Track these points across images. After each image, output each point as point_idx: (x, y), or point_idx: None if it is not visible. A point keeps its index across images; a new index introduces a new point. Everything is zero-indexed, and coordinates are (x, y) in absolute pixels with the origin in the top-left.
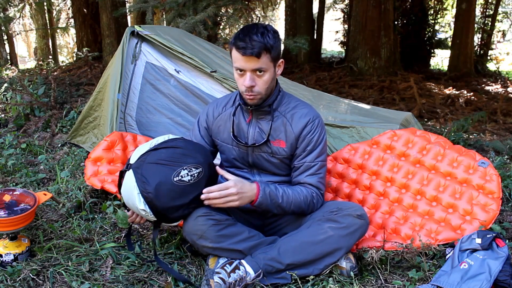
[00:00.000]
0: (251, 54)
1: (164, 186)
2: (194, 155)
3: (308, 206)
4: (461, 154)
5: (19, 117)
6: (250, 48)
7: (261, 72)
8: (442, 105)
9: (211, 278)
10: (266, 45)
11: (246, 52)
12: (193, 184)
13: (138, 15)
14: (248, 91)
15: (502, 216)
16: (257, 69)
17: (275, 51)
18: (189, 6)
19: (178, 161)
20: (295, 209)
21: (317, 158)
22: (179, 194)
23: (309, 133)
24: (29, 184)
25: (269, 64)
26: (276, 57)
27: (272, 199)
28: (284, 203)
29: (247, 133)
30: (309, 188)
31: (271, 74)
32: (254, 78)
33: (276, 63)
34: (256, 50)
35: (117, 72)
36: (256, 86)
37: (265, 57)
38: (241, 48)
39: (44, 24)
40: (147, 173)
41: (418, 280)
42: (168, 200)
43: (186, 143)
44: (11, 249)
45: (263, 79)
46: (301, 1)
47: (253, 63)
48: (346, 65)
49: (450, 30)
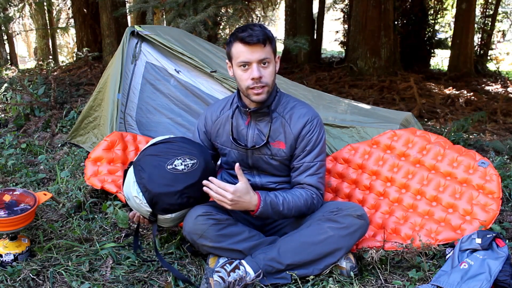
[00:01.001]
0: (258, 41)
1: (157, 171)
2: (190, 148)
3: (309, 209)
4: (461, 154)
5: (19, 117)
6: (256, 36)
7: (265, 64)
8: (442, 105)
9: (211, 276)
10: (268, 35)
11: (253, 39)
12: (187, 173)
13: (138, 15)
14: (256, 82)
15: (502, 216)
16: (263, 59)
17: (274, 43)
18: (189, 6)
19: (173, 152)
20: (296, 214)
21: (316, 158)
22: (172, 180)
23: (308, 133)
24: (29, 184)
25: (272, 55)
26: (275, 50)
27: (273, 208)
28: (286, 210)
29: (247, 136)
30: (308, 190)
31: (274, 67)
32: (259, 69)
33: (275, 56)
34: (261, 37)
35: (117, 72)
36: (264, 77)
37: (269, 47)
38: (247, 37)
39: (44, 24)
40: (144, 163)
41: (418, 280)
42: (160, 185)
43: (184, 139)
44: (11, 249)
45: (268, 71)
46: (301, 1)
47: (259, 53)
48: (346, 65)
49: (450, 30)
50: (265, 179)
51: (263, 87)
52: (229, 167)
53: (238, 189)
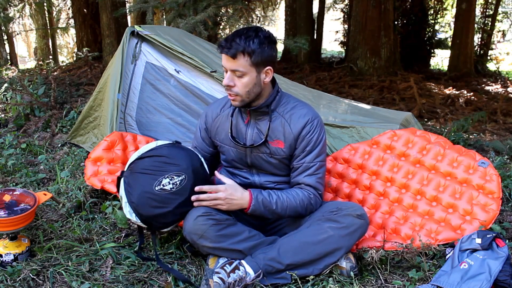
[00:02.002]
0: (226, 53)
1: (145, 195)
2: (177, 162)
3: (306, 209)
4: (461, 154)
5: (19, 117)
6: (227, 48)
7: (239, 74)
8: (442, 105)
9: (211, 278)
10: (245, 49)
11: (223, 51)
12: (176, 192)
13: (138, 15)
14: (227, 89)
15: (502, 216)
16: (235, 70)
17: (257, 56)
18: (189, 6)
19: (160, 169)
20: (291, 214)
21: (316, 158)
22: (161, 202)
23: (308, 133)
24: (29, 184)
25: (248, 68)
26: (259, 63)
27: (265, 206)
28: (279, 209)
29: (245, 134)
30: (306, 190)
31: (252, 79)
32: (233, 78)
33: (260, 69)
34: (231, 51)
35: (117, 72)
36: (236, 87)
37: (243, 60)
38: (220, 46)
39: (44, 24)
40: (132, 183)
41: (418, 280)
42: (150, 208)
43: (170, 151)
44: (11, 249)
45: (242, 81)
46: (301, 1)
47: (230, 63)
48: (346, 65)
49: (450, 30)
50: (263, 178)
51: (236, 96)
52: (228, 165)
53: (227, 187)
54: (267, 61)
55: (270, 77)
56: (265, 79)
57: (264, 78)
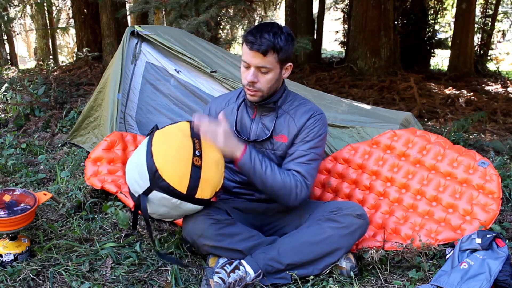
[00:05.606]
0: (258, 50)
1: None
2: None
3: (290, 192)
4: (461, 154)
5: (19, 117)
6: (258, 44)
7: (265, 70)
8: (442, 105)
9: (211, 277)
10: (275, 45)
11: (253, 47)
12: None
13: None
14: (249, 85)
15: (502, 216)
16: (262, 66)
17: (284, 53)
18: (191, 7)
19: None
20: (275, 188)
21: (311, 149)
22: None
23: (311, 125)
24: (29, 184)
25: (274, 65)
26: (284, 60)
27: (255, 165)
28: (267, 176)
29: (250, 129)
30: (295, 175)
31: (276, 75)
32: (257, 75)
33: (283, 65)
34: (263, 48)
35: (117, 72)
36: (258, 83)
37: (272, 57)
38: (249, 42)
39: (44, 24)
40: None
41: (418, 280)
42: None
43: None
44: (11, 249)
45: (266, 78)
46: (301, 1)
47: (258, 60)
48: (346, 65)
49: (450, 30)
50: None
51: (256, 91)
52: (229, 161)
53: (228, 127)
54: (290, 58)
55: (289, 73)
56: (284, 75)
57: (284, 74)
